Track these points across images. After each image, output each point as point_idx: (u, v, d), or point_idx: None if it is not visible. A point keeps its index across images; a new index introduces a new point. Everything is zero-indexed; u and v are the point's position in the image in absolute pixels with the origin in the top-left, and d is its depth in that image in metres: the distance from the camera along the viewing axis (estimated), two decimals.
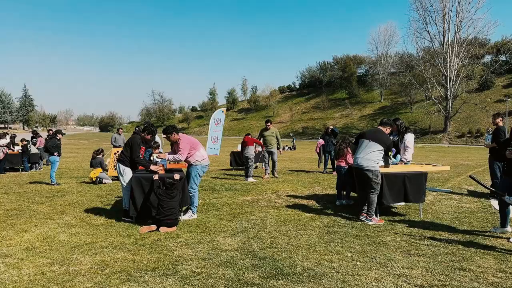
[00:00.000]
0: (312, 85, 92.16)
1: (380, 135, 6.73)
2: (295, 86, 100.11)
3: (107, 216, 6.97)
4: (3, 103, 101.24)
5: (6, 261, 4.50)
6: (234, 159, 15.54)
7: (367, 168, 6.55)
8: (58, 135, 11.63)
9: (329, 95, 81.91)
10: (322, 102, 78.06)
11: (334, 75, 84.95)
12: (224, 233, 5.86)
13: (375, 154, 6.57)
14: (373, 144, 6.61)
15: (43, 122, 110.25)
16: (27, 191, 9.96)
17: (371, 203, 6.60)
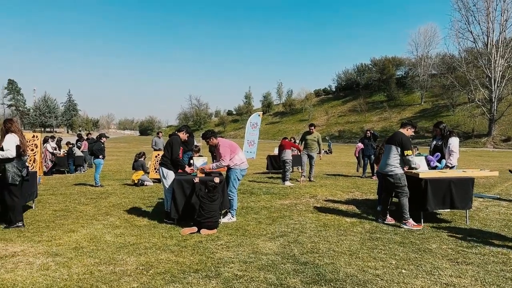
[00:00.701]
0: (349, 88, 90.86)
1: (395, 136, 6.75)
2: (331, 89, 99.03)
3: (149, 217, 7.15)
4: (49, 108, 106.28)
5: (57, 260, 4.70)
6: (270, 163, 15.55)
7: (386, 173, 6.65)
8: (103, 139, 12.06)
9: (366, 98, 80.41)
10: (360, 105, 76.72)
11: (372, 77, 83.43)
12: (263, 237, 5.86)
13: (393, 157, 6.62)
14: (390, 147, 6.70)
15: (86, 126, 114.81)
16: (73, 192, 10.38)
17: (402, 206, 6.56)
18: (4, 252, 4.99)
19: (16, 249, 5.10)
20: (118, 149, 36.59)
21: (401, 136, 6.68)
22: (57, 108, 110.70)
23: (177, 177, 6.95)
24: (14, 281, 3.97)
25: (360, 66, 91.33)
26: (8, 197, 6.27)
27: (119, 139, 79.80)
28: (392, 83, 76.31)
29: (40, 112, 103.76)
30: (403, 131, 6.85)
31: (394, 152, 6.63)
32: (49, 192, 10.19)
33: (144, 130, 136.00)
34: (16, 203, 6.31)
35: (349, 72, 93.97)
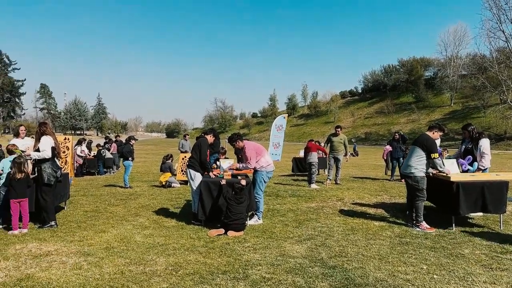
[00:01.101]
0: (376, 89, 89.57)
1: (421, 138, 6.68)
2: (357, 90, 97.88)
3: (177, 218, 7.25)
4: (79, 111, 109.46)
5: (89, 259, 4.83)
6: (296, 165, 15.49)
7: (406, 174, 6.62)
8: (132, 141, 12.33)
9: (394, 99, 79.01)
10: (387, 106, 75.43)
11: (400, 78, 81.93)
12: (290, 240, 5.84)
13: (415, 159, 6.55)
14: (414, 148, 6.64)
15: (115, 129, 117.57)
16: (103, 193, 10.63)
17: (417, 209, 6.53)
18: (39, 251, 5.16)
19: (50, 249, 5.27)
20: (146, 151, 37.25)
21: (427, 138, 6.59)
22: (87, 111, 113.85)
23: (204, 179, 7.02)
24: (48, 280, 4.10)
25: (387, 67, 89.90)
26: (42, 198, 6.49)
27: (147, 141, 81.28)
28: (420, 84, 74.63)
29: (70, 115, 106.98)
30: (429, 133, 6.77)
31: (418, 154, 6.55)
32: (80, 193, 10.48)
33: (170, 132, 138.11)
34: (49, 204, 6.53)
35: (376, 73, 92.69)
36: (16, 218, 6.15)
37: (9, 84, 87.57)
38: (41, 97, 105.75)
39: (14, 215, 6.14)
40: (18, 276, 4.19)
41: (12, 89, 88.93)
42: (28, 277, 4.16)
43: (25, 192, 6.27)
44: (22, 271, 4.36)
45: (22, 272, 4.32)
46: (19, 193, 6.19)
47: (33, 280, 4.09)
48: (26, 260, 4.74)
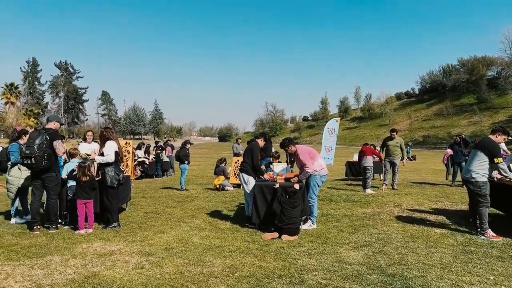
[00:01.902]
0: (434, 90, 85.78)
1: (483, 142, 6.38)
2: (414, 92, 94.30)
3: (232, 221, 7.36)
4: (137, 116, 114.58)
5: (150, 259, 5.02)
6: (349, 169, 15.19)
7: (467, 179, 6.30)
8: (187, 145, 12.72)
9: (453, 101, 75.17)
10: (446, 108, 71.91)
11: (460, 78, 77.82)
12: (346, 246, 5.72)
13: (476, 164, 6.21)
14: (476, 152, 6.34)
15: (170, 133, 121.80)
16: (161, 195, 11.04)
17: (481, 216, 6.17)
18: (103, 250, 5.45)
19: (113, 248, 5.55)
20: (200, 155, 38.22)
21: (489, 142, 6.25)
22: (145, 116, 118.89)
23: (258, 183, 7.08)
24: (113, 278, 4.32)
25: (446, 67, 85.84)
26: (106, 199, 6.86)
27: (200, 145, 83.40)
28: (482, 84, 70.36)
29: (130, 120, 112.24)
30: (492, 137, 6.40)
31: (479, 158, 6.22)
32: (140, 195, 10.95)
33: (223, 136, 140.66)
34: (113, 205, 6.88)
35: (434, 74, 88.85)
36: (82, 218, 6.54)
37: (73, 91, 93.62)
38: (103, 103, 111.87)
39: (80, 215, 6.54)
40: (85, 274, 4.45)
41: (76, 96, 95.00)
42: (94, 275, 4.40)
43: (90, 194, 6.66)
44: (88, 269, 4.62)
45: (88, 270, 4.58)
46: (84, 195, 6.58)
47: (99, 278, 4.33)
48: (92, 259, 5.03)
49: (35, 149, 6.10)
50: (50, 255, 5.18)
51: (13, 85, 69.98)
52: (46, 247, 5.57)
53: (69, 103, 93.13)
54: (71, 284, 4.14)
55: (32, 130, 6.81)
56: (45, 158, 6.19)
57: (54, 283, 4.17)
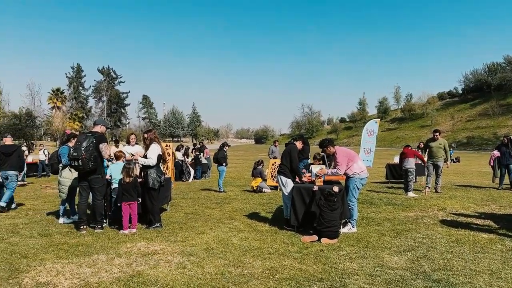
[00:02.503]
0: (479, 90, 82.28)
1: None
2: (457, 91, 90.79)
3: (270, 223, 7.37)
4: (176, 119, 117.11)
5: (191, 259, 5.12)
6: (390, 172, 14.80)
7: None
8: (225, 147, 12.88)
9: (500, 100, 71.73)
10: (492, 108, 68.72)
11: (506, 77, 74.20)
12: (388, 250, 5.58)
13: None
14: None
15: (208, 136, 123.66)
16: (200, 197, 11.22)
17: None
18: (147, 250, 5.60)
19: (156, 248, 5.69)
20: (237, 157, 38.53)
21: None
22: (183, 119, 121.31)
23: (296, 185, 7.05)
24: (156, 277, 4.43)
25: (491, 65, 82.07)
26: (148, 201, 7.06)
27: (237, 147, 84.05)
28: None
29: (169, 123, 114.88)
30: None
31: None
32: (180, 196, 11.17)
33: (259, 138, 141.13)
34: (155, 206, 7.07)
35: (478, 72, 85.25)
36: (126, 219, 6.75)
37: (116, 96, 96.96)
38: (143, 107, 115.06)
39: (125, 216, 6.75)
40: (130, 273, 4.59)
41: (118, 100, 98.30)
42: (139, 274, 4.54)
43: (134, 195, 6.87)
44: (133, 268, 4.76)
45: (133, 269, 4.73)
46: (128, 196, 6.80)
47: (143, 277, 4.45)
48: (136, 258, 5.18)
49: (82, 151, 6.38)
50: (96, 254, 5.39)
51: (59, 90, 73.43)
52: (92, 246, 5.79)
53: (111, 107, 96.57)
54: (117, 282, 4.28)
55: (80, 133, 7.12)
56: (92, 160, 6.46)
57: (101, 281, 4.33)
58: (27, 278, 4.41)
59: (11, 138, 9.98)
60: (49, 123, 68.64)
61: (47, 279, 4.38)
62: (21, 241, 6.09)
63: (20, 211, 8.79)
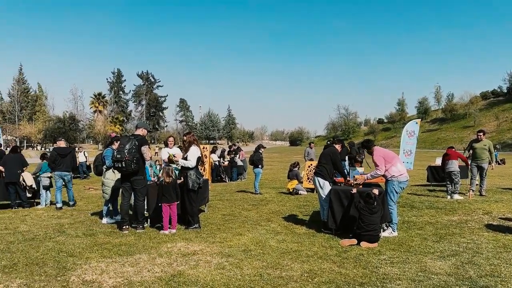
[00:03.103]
0: None
1: None
2: (502, 90, 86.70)
3: (307, 226, 7.32)
4: (212, 122, 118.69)
5: (230, 260, 5.17)
6: (431, 174, 14.33)
7: None
8: (261, 149, 12.92)
9: None
10: None
11: None
12: (431, 255, 5.40)
13: None
14: None
15: (243, 138, 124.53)
16: (236, 198, 11.31)
17: None
18: (187, 250, 5.71)
19: (195, 248, 5.79)
20: (272, 159, 38.52)
21: None
22: (219, 122, 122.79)
23: (334, 188, 6.97)
24: (197, 277, 4.51)
25: None
26: (187, 202, 7.19)
27: (272, 149, 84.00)
28: None
29: (205, 126, 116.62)
30: None
31: None
32: (217, 198, 11.31)
33: (294, 140, 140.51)
34: (194, 208, 7.20)
35: None
36: (166, 220, 6.91)
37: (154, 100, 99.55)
38: (180, 110, 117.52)
39: (165, 217, 6.92)
40: (171, 272, 4.70)
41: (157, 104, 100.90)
42: (180, 274, 4.63)
43: (174, 196, 7.02)
44: (174, 268, 4.87)
45: (174, 269, 4.83)
46: (168, 197, 6.96)
47: (184, 276, 4.54)
48: (177, 258, 5.29)
49: (126, 153, 6.60)
50: (138, 253, 5.55)
51: (100, 94, 76.24)
52: (134, 246, 5.97)
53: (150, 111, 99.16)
54: (159, 281, 4.39)
55: (123, 136, 7.37)
56: (134, 162, 6.67)
57: (143, 280, 4.45)
58: (73, 276, 4.60)
59: (65, 141, 10.83)
60: (91, 127, 71.40)
61: (92, 277, 4.56)
62: (67, 240, 6.36)
63: (66, 212, 9.20)
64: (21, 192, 9.70)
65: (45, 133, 67.36)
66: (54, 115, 75.21)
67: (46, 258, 5.32)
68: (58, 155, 9.62)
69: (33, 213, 8.94)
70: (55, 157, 9.61)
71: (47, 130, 67.55)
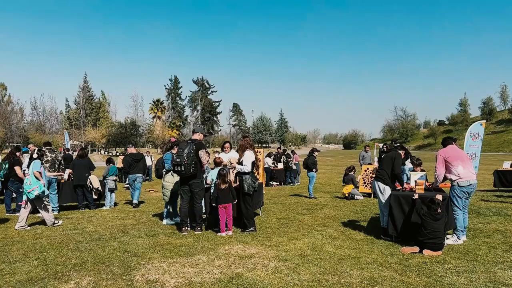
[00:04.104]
0: None
1: None
2: None
3: (365, 232, 7.14)
4: (264, 126, 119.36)
5: (287, 265, 5.16)
6: (498, 179, 13.43)
7: None
8: (315, 153, 12.81)
9: None
10: None
11: None
12: (501, 264, 5.07)
13: None
14: None
15: (295, 141, 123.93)
16: (290, 202, 11.29)
17: None
18: (243, 253, 5.78)
19: (252, 251, 5.85)
20: (325, 163, 37.97)
21: None
22: (271, 126, 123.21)
23: (394, 193, 6.74)
24: (255, 281, 4.55)
25: None
26: (243, 205, 7.29)
27: (325, 153, 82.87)
28: None
29: (257, 130, 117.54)
30: None
31: None
32: (271, 202, 11.35)
33: (347, 144, 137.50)
34: (249, 211, 7.28)
35: None
36: (223, 222, 7.06)
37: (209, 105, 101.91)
38: (233, 115, 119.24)
39: (222, 219, 7.06)
40: (229, 274, 4.78)
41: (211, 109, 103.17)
42: (238, 276, 4.70)
43: (229, 198, 7.15)
44: (232, 270, 4.95)
45: (232, 271, 4.91)
46: (224, 199, 7.09)
47: (242, 279, 4.60)
48: (234, 260, 5.38)
49: (185, 157, 6.83)
50: (197, 254, 5.71)
51: (159, 101, 79.29)
52: (193, 247, 6.15)
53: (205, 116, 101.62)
54: (218, 283, 4.49)
55: (182, 141, 7.64)
56: (193, 166, 6.89)
57: (203, 281, 4.57)
58: (138, 275, 4.82)
59: (134, 147, 12.18)
60: (150, 132, 74.48)
61: (155, 277, 4.75)
62: (131, 240, 6.68)
63: (128, 213, 9.66)
64: (88, 194, 10.33)
65: (108, 138, 71.20)
66: (116, 120, 79.34)
67: (112, 257, 5.62)
68: (134, 160, 10.76)
69: (98, 214, 9.48)
70: (131, 162, 10.72)
71: (110, 135, 71.37)
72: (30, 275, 4.80)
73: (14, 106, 69.79)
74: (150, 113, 77.90)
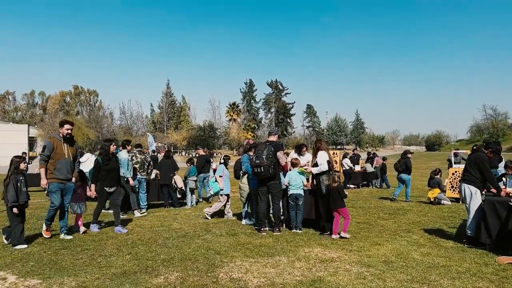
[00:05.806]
0: None
1: None
2: None
3: (454, 239, 6.68)
4: (339, 127, 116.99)
5: (370, 271, 5.00)
6: None
7: None
8: (408, 155, 12.39)
9: None
10: None
11: None
12: None
13: None
14: None
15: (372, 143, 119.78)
16: (370, 206, 10.91)
17: None
18: (324, 256, 5.70)
19: (333, 255, 5.75)
20: None
21: None
22: (346, 127, 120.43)
23: (488, 198, 6.21)
24: (337, 285, 4.47)
25: None
26: (321, 207, 7.22)
27: None
28: None
29: (332, 131, 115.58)
30: None
31: None
32: (349, 205, 10.99)
33: (431, 145, 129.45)
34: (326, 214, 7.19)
35: None
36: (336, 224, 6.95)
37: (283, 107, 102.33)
38: (307, 116, 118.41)
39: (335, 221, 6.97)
40: (311, 277, 4.75)
41: (285, 111, 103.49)
42: (320, 280, 4.65)
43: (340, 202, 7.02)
44: (313, 273, 4.91)
45: (314, 274, 4.87)
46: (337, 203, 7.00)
47: (324, 283, 4.54)
48: (315, 263, 5.33)
49: (264, 159, 6.94)
50: (278, 255, 5.75)
51: (235, 104, 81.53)
52: (273, 248, 6.20)
53: (279, 118, 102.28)
54: (300, 285, 4.48)
55: (260, 143, 7.77)
56: (271, 167, 6.98)
57: (285, 282, 4.59)
58: (222, 273, 4.97)
59: (205, 149, 13.80)
60: (227, 134, 76.87)
61: (238, 276, 4.87)
62: (214, 238, 6.92)
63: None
64: (173, 193, 10.92)
65: (188, 140, 74.77)
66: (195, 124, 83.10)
67: (197, 254, 5.87)
68: (205, 161, 11.85)
69: (182, 212, 9.96)
70: (204, 163, 11.71)
71: (190, 138, 74.91)
72: (124, 269, 5.17)
73: (104, 111, 76.44)
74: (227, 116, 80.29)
